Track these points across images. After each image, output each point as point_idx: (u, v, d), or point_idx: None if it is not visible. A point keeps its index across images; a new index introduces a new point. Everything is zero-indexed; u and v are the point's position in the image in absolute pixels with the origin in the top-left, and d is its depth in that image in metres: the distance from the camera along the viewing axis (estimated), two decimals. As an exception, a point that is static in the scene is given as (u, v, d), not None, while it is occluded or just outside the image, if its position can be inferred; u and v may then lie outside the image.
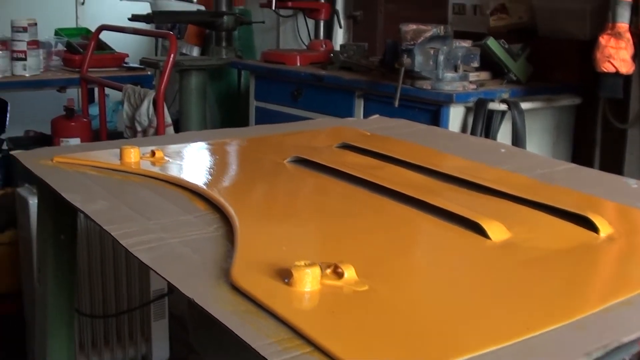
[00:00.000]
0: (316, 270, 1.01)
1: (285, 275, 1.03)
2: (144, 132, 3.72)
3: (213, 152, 1.89)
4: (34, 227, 3.15)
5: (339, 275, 1.03)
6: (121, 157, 1.69)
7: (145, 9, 5.70)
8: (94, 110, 4.89)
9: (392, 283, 1.07)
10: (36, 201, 1.81)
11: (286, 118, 3.71)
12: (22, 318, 3.57)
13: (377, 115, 2.27)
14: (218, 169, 1.74)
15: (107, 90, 4.35)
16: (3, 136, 4.89)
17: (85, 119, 4.34)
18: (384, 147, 1.80)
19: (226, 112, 5.11)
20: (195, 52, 5.16)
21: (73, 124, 4.26)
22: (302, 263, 1.02)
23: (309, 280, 1.01)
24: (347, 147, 1.84)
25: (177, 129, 4.13)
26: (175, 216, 1.35)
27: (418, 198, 1.40)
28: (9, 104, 4.93)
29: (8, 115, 4.96)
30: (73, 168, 1.67)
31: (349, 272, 1.03)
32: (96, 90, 4.62)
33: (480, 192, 1.50)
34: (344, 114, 3.38)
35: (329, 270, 1.04)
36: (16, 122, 5.14)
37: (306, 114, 3.67)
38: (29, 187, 3.43)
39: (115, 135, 4.52)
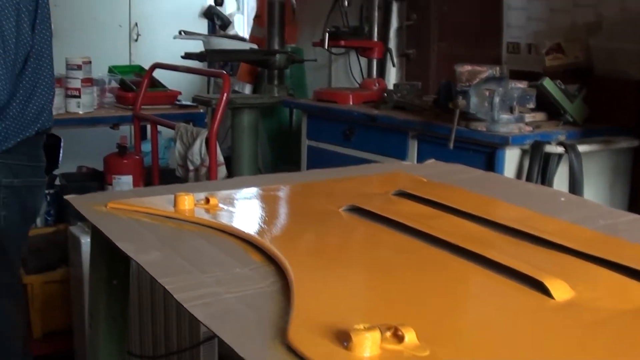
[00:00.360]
0: (376, 334, 0.98)
1: (343, 338, 1.00)
2: (196, 171, 3.72)
3: (267, 199, 1.87)
4: (86, 265, 3.16)
5: (399, 338, 1.00)
6: (175, 204, 1.68)
7: (198, 46, 5.74)
8: (146, 146, 4.92)
9: (453, 347, 1.03)
10: (88, 240, 1.81)
11: (338, 158, 3.70)
12: (73, 355, 3.58)
13: (432, 160, 2.24)
14: (273, 217, 1.72)
15: (160, 127, 4.37)
16: (56, 172, 4.92)
17: (137, 157, 4.36)
18: (441, 196, 1.77)
19: (278, 150, 5.11)
20: (248, 89, 5.18)
21: (125, 161, 4.28)
22: (362, 326, 0.99)
23: (369, 345, 0.97)
24: (403, 194, 1.81)
25: (229, 167, 4.13)
26: (230, 269, 1.33)
27: (477, 252, 1.37)
28: (62, 140, 4.96)
29: (61, 151, 4.98)
30: (127, 214, 1.66)
31: (410, 336, 1.00)
32: (149, 127, 4.64)
33: (540, 246, 1.45)
34: (397, 154, 3.37)
35: (388, 334, 1.01)
36: (69, 157, 5.15)
37: (359, 153, 3.65)
38: (81, 226, 3.45)
39: (167, 172, 4.53)
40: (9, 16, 2.35)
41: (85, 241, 3.32)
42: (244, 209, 1.80)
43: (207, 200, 1.71)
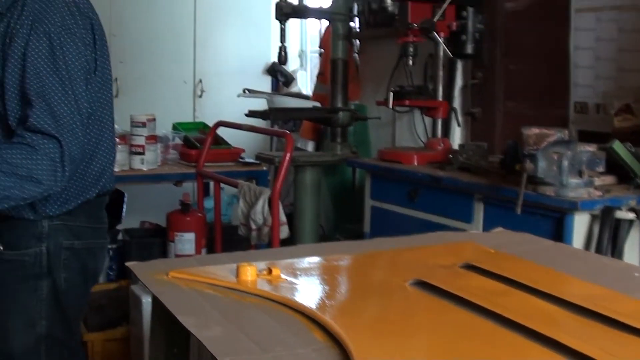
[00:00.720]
0: None
1: None
2: (259, 231, 3.71)
3: (331, 270, 1.83)
4: (147, 325, 3.14)
5: None
6: (237, 275, 1.65)
7: (261, 103, 5.77)
8: (208, 202, 4.93)
9: None
10: (149, 299, 1.79)
11: (402, 219, 3.66)
12: (132, 417, 3.55)
13: (500, 229, 2.18)
14: (337, 292, 1.68)
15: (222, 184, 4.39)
16: (119, 227, 4.96)
17: (200, 214, 4.37)
18: (510, 270, 1.71)
19: (340, 208, 5.09)
20: (310, 146, 5.17)
21: (188, 218, 4.29)
22: None
23: None
24: (471, 267, 1.76)
25: (291, 224, 4.11)
26: (292, 348, 1.29)
27: (550, 336, 1.31)
28: (125, 195, 5.00)
29: (125, 206, 5.03)
30: (188, 284, 1.64)
31: None
32: (211, 183, 4.65)
33: (615, 328, 1.39)
34: (462, 217, 3.32)
35: None
36: (132, 212, 5.21)
37: (423, 215, 3.60)
38: (142, 285, 3.44)
39: (229, 229, 4.53)
40: (80, 80, 2.36)
41: (146, 300, 3.31)
42: (307, 281, 1.76)
43: (270, 271, 1.68)
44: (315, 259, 1.90)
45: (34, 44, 2.31)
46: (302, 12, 4.84)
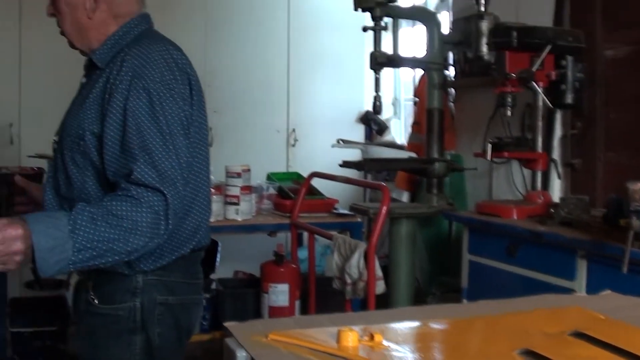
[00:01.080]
0: None
1: None
2: (354, 285, 3.65)
3: (433, 337, 1.77)
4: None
5: None
6: (338, 340, 1.60)
7: (354, 153, 5.75)
8: (302, 252, 4.90)
9: None
10: (244, 354, 1.75)
11: (501, 275, 3.58)
12: None
13: (609, 291, 2.09)
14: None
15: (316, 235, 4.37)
16: (213, 276, 4.96)
17: (294, 265, 4.35)
18: (621, 338, 1.63)
19: (436, 261, 5.01)
20: (405, 197, 5.12)
21: (282, 270, 4.28)
22: None
23: None
24: (580, 335, 1.68)
25: (386, 276, 4.05)
26: None
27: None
28: (219, 245, 5.02)
29: (219, 255, 5.04)
30: (288, 348, 1.60)
31: None
32: (305, 233, 4.63)
33: None
34: (564, 274, 3.24)
35: None
36: (226, 262, 5.23)
37: (523, 271, 3.52)
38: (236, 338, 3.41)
39: (323, 280, 4.50)
40: (179, 135, 2.34)
41: (241, 355, 3.28)
42: (409, 348, 1.70)
43: (372, 337, 1.63)
44: (416, 324, 1.84)
45: (134, 100, 2.31)
46: (396, 61, 4.80)
